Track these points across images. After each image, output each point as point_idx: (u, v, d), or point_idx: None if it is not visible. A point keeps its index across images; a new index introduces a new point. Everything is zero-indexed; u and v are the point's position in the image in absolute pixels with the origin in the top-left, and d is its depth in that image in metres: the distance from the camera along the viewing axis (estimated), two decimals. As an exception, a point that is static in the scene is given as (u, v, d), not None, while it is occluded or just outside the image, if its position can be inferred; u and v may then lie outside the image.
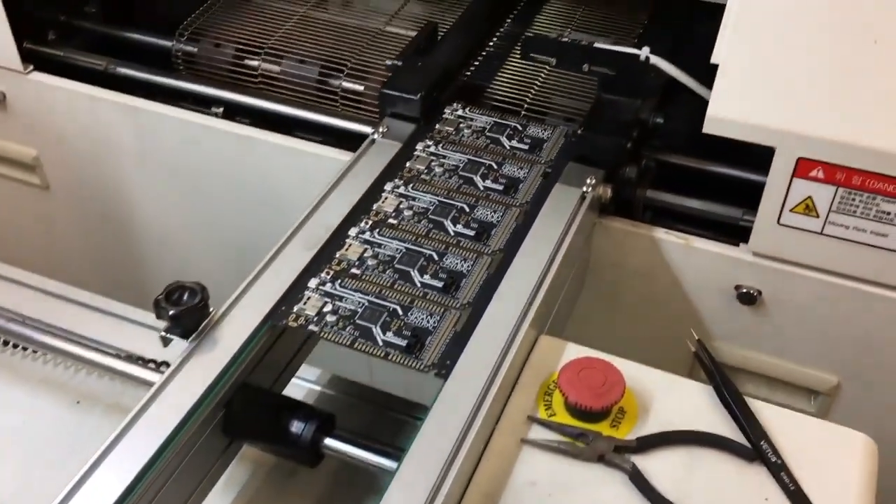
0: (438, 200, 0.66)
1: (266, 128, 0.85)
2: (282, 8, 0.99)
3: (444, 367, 0.54)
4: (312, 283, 0.59)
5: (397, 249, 0.62)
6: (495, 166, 0.70)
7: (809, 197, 0.66)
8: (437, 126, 0.75)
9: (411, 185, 0.68)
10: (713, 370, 0.57)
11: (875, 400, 0.76)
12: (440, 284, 0.59)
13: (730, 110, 0.65)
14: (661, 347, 0.82)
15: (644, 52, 0.72)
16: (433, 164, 0.70)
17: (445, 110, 0.77)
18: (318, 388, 0.70)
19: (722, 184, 0.78)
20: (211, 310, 0.57)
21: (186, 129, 0.88)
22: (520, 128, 0.74)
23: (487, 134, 0.74)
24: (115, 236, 1.01)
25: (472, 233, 0.63)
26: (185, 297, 0.56)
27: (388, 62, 0.80)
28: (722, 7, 0.79)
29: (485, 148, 0.72)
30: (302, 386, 0.70)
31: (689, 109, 0.77)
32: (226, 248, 0.94)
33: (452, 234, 0.63)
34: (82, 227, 1.03)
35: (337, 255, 0.62)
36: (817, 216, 0.67)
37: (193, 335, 0.56)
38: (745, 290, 0.73)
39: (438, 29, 0.86)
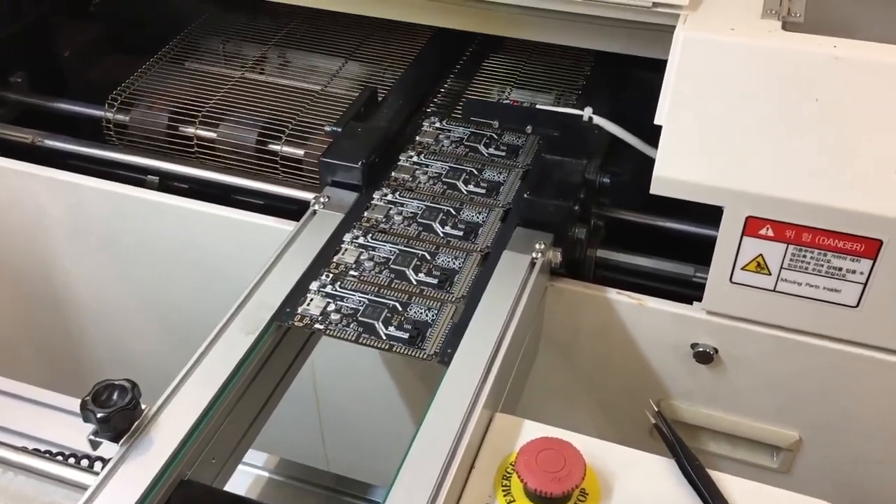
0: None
1: (205, 197, 0.82)
2: (217, 72, 0.97)
3: (445, 355, 0.58)
4: (313, 286, 0.63)
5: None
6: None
7: (760, 255, 0.65)
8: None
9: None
10: (675, 444, 0.55)
11: (838, 452, 0.75)
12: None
13: (676, 171, 0.64)
14: (620, 409, 0.81)
15: (587, 112, 0.71)
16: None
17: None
18: (265, 474, 0.67)
19: (673, 239, 0.77)
20: (144, 407, 0.54)
21: (119, 202, 0.84)
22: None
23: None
24: (48, 316, 0.96)
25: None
26: (115, 396, 0.52)
27: (328, 128, 0.78)
28: (662, 62, 0.80)
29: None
30: (249, 472, 0.66)
31: (635, 166, 0.76)
32: (168, 325, 0.90)
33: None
34: (12, 308, 0.98)
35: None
36: (769, 273, 0.66)
37: (125, 437, 0.52)
38: (700, 349, 0.72)
39: (378, 91, 0.84)
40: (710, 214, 0.74)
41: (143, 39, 1.04)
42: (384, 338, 0.59)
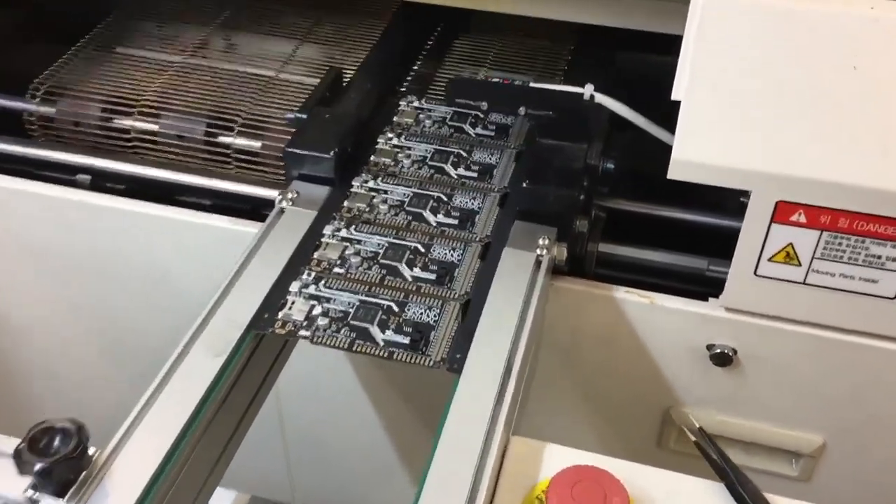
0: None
1: (143, 197, 0.72)
2: (154, 58, 0.86)
3: (455, 361, 0.51)
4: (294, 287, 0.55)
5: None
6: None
7: (790, 244, 0.58)
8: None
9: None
10: (725, 467, 0.48)
11: (864, 457, 0.68)
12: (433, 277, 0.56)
13: (697, 152, 0.57)
14: (625, 420, 0.74)
15: (588, 89, 0.63)
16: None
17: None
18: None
19: (680, 231, 0.70)
20: (92, 452, 0.44)
21: (47, 204, 0.73)
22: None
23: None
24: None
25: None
26: (57, 441, 0.42)
27: (289, 115, 0.68)
28: (655, 35, 0.72)
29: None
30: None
31: (635, 150, 0.69)
32: (114, 350, 0.80)
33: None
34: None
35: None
36: (799, 264, 0.59)
37: (70, 492, 0.42)
38: (718, 350, 0.65)
39: (343, 75, 0.75)
40: (719, 202, 0.68)
41: (66, 24, 0.92)
42: (381, 343, 0.52)
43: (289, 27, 0.91)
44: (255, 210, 0.73)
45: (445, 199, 0.63)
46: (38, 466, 0.41)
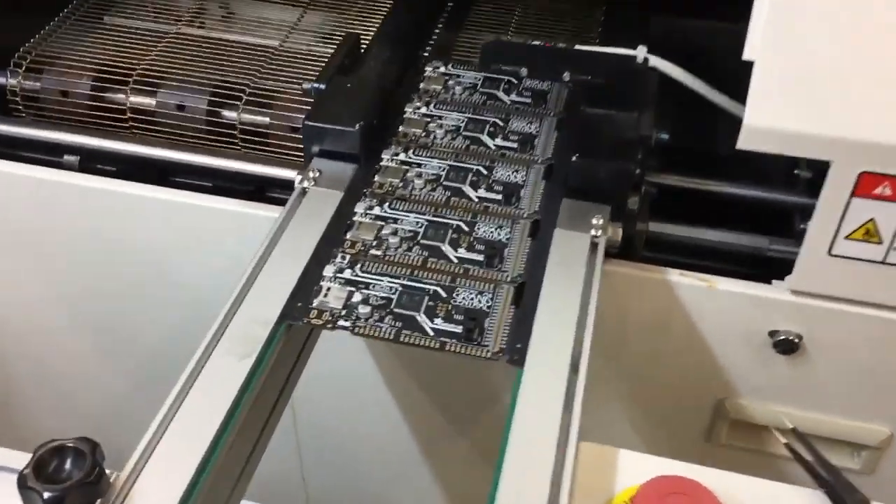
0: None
1: (140, 180, 0.65)
2: (146, 28, 0.79)
3: (515, 352, 0.45)
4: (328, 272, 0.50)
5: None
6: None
7: (872, 219, 0.53)
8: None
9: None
10: (825, 473, 0.42)
11: (934, 449, 0.63)
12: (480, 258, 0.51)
13: (772, 118, 0.51)
14: (673, 414, 0.68)
15: (640, 52, 0.57)
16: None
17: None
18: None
19: (729, 209, 0.65)
20: (109, 475, 0.38)
21: (34, 187, 0.66)
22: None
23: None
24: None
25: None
26: (68, 464, 0.36)
27: (306, 85, 0.62)
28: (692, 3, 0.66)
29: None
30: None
31: (683, 120, 0.63)
32: (123, 355, 0.73)
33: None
34: None
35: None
36: (879, 242, 0.54)
37: (88, 525, 0.36)
38: (782, 337, 0.59)
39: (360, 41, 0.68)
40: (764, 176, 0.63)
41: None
42: (431, 333, 0.46)
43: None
44: (260, 191, 0.66)
45: (485, 171, 0.57)
46: (47, 495, 0.35)
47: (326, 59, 0.66)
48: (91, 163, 0.69)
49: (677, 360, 0.64)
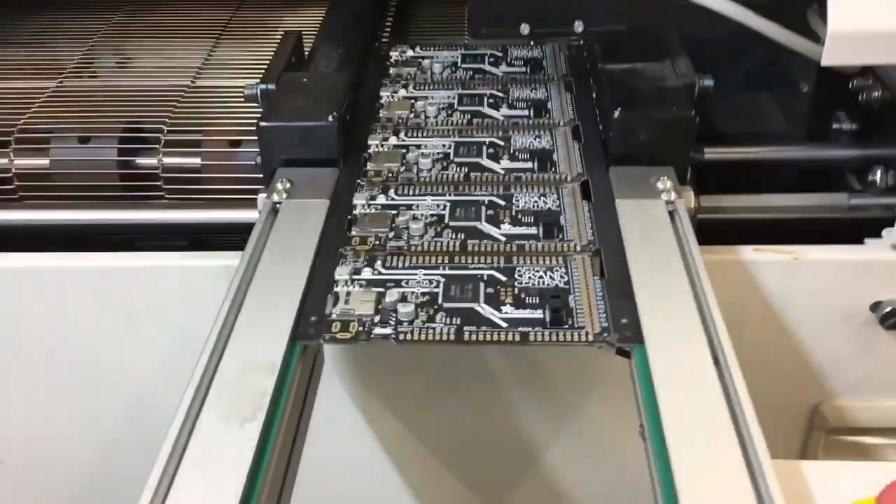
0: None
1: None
2: (19, 88, 0.64)
3: (623, 330, 0.35)
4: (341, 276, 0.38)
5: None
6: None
7: None
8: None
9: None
10: None
11: None
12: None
13: (866, 19, 0.41)
14: (763, 426, 0.55)
15: (667, -19, 0.46)
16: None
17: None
18: None
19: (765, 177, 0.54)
20: None
21: None
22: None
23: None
24: None
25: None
26: None
27: (249, 90, 0.48)
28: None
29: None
30: None
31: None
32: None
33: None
34: None
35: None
36: None
37: None
38: (889, 308, 0.48)
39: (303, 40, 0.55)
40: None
41: None
42: (503, 324, 0.35)
43: (197, 26, 0.72)
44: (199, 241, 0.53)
45: (502, 142, 0.47)
46: None
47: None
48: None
49: (758, 358, 0.51)
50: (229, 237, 0.52)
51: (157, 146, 0.55)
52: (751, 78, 0.64)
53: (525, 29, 0.46)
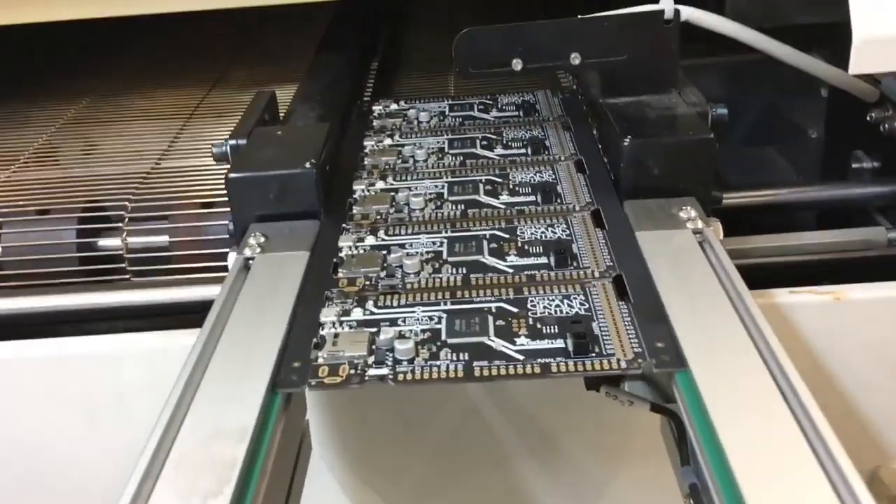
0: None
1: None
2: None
3: (663, 353, 0.30)
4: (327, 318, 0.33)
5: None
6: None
7: None
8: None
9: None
10: None
11: None
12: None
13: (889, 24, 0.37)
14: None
15: (666, 3, 0.43)
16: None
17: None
18: None
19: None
20: None
21: None
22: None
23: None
24: None
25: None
26: None
27: (217, 149, 0.44)
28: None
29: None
30: None
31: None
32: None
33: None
34: None
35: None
36: None
37: None
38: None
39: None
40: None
41: None
42: (519, 357, 0.31)
43: (163, 110, 0.68)
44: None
45: (499, 179, 0.44)
46: None
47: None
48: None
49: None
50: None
51: (121, 224, 0.51)
52: (756, 131, 0.61)
53: (518, 65, 0.42)
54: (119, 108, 0.70)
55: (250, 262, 0.36)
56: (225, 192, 0.40)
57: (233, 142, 0.43)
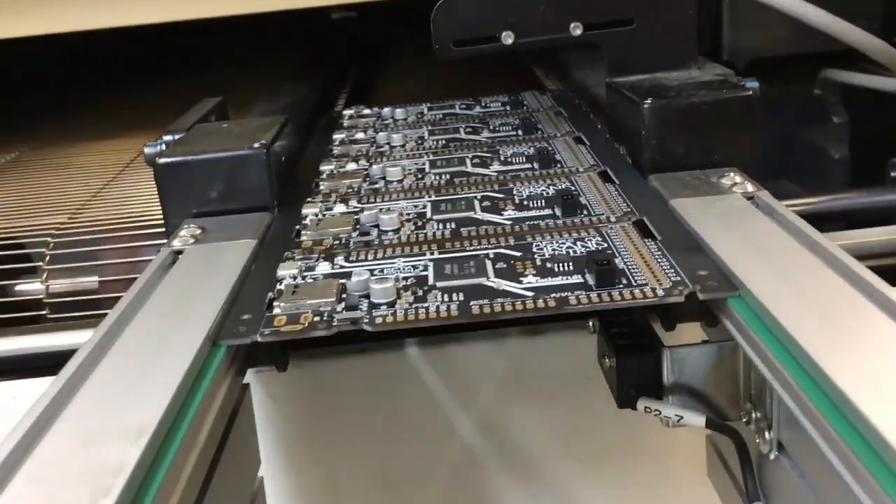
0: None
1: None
2: None
3: (709, 279, 0.24)
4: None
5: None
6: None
7: None
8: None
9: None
10: None
11: None
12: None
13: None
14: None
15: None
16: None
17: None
18: None
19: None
20: None
21: None
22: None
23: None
24: None
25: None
26: None
27: (149, 148, 0.36)
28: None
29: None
30: None
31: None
32: None
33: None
34: None
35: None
36: None
37: None
38: None
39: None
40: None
41: None
42: (527, 294, 0.24)
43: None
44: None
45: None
46: None
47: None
48: None
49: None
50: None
51: (42, 263, 0.42)
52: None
53: (508, 38, 0.36)
54: (56, 157, 0.62)
55: (179, 252, 0.28)
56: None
57: (168, 137, 0.36)
